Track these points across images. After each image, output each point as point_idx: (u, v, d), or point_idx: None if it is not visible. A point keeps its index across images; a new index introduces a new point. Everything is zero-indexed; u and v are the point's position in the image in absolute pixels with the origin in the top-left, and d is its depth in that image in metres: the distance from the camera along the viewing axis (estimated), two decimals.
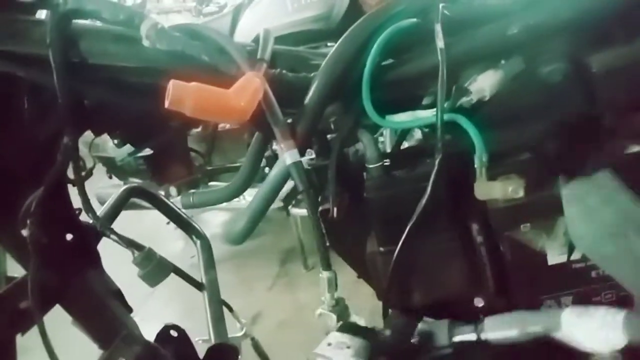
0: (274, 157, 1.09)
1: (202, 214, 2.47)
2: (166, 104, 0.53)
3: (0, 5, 0.67)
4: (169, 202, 1.11)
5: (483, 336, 0.58)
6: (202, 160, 2.19)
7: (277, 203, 2.01)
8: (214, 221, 2.67)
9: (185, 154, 1.99)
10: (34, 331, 0.76)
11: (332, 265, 0.61)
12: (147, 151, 1.79)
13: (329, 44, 1.82)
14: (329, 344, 0.57)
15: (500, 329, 0.58)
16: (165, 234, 2.23)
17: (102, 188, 1.89)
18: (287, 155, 0.58)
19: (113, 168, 2.04)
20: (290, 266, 2.37)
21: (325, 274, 0.60)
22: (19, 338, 0.76)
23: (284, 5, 1.95)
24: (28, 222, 0.70)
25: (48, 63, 0.64)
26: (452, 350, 0.59)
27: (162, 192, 1.86)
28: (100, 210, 0.89)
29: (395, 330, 0.60)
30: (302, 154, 0.60)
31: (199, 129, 2.08)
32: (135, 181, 1.95)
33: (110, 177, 2.12)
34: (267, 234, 2.53)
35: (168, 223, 2.69)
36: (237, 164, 2.24)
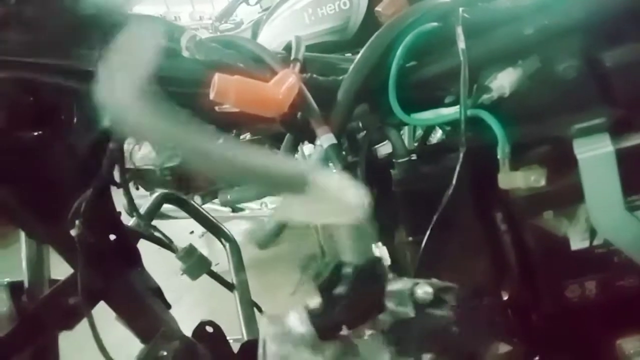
0: None
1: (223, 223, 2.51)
2: (211, 96, 0.55)
3: None
4: (200, 208, 1.17)
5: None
6: None
7: None
8: (234, 230, 2.71)
9: None
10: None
11: None
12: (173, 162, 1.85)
13: (345, 54, 1.86)
14: None
15: None
16: (187, 242, 2.28)
17: None
18: (323, 139, 0.59)
19: (139, 179, 2.10)
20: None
21: None
22: None
23: (302, 18, 2.00)
24: (77, 222, 0.75)
25: (95, 75, 0.69)
26: None
27: None
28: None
29: None
30: None
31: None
32: (162, 191, 2.02)
33: (137, 189, 2.18)
34: (288, 240, 2.56)
35: (191, 232, 2.71)
36: None
